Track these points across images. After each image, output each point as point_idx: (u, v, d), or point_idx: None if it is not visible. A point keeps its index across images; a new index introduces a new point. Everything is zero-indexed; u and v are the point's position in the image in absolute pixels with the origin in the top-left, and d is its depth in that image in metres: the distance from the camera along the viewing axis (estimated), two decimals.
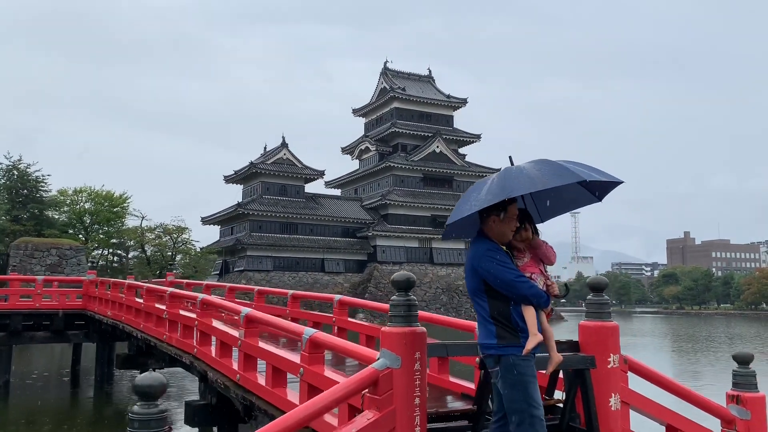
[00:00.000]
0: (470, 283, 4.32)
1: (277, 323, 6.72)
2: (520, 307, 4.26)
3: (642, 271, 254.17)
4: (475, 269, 4.25)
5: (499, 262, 4.20)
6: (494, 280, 4.18)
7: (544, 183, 4.05)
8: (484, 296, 4.26)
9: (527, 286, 4.23)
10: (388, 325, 4.87)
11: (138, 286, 13.65)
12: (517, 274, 4.24)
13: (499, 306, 4.22)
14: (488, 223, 4.35)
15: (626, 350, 5.89)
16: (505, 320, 4.22)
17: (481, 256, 4.22)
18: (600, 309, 5.74)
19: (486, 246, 4.27)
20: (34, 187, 57.11)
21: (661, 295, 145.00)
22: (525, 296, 4.22)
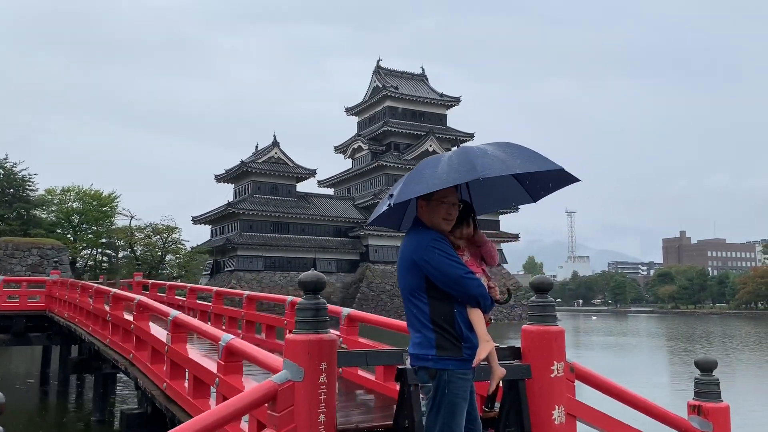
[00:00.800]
0: (407, 280, 3.63)
1: (199, 328, 6.16)
2: (465, 311, 3.61)
3: (638, 271, 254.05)
4: (416, 263, 3.57)
5: (446, 255, 3.55)
6: (439, 276, 3.52)
7: (519, 167, 3.45)
8: (425, 296, 3.58)
9: (476, 285, 3.59)
10: (293, 332, 4.33)
11: (90, 286, 13.09)
12: (465, 270, 3.57)
13: (442, 308, 3.56)
14: (418, 209, 3.75)
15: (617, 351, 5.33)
16: (449, 326, 3.54)
17: (425, 248, 3.55)
18: (543, 312, 5.20)
19: (431, 236, 3.60)
20: (21, 186, 56.42)
21: (657, 294, 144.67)
22: (473, 296, 3.58)
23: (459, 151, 3.61)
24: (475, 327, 3.65)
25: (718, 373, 5.95)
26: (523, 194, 4.26)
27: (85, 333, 12.22)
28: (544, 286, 5.27)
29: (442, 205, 3.71)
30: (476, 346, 3.62)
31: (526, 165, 3.50)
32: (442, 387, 3.55)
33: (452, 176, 3.40)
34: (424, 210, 3.71)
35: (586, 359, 36.68)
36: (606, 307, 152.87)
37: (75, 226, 63.98)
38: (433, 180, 3.43)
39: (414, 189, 3.48)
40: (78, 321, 13.48)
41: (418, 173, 3.60)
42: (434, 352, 3.55)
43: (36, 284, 20.33)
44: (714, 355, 35.77)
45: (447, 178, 3.40)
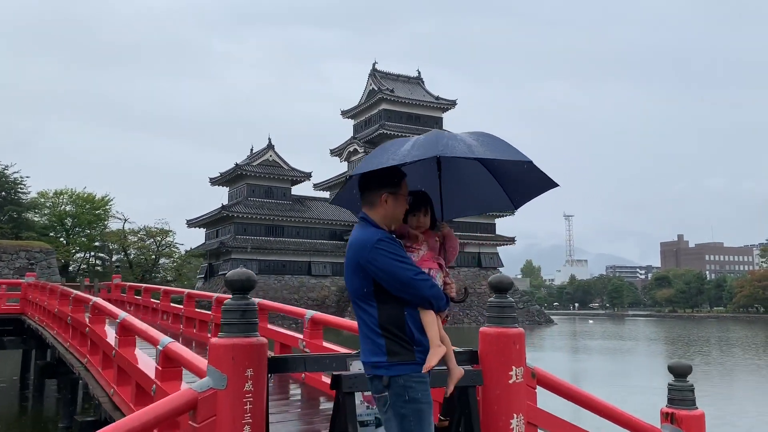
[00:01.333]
0: (354, 284, 3.32)
1: (142, 331, 5.79)
2: (417, 313, 3.30)
3: (636, 274, 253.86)
4: (362, 266, 3.25)
5: (394, 256, 3.23)
6: (388, 279, 3.21)
7: (483, 152, 3.21)
8: (373, 301, 3.27)
9: (428, 285, 3.28)
10: (218, 336, 3.96)
11: (57, 288, 12.70)
12: (416, 271, 3.27)
13: (392, 312, 3.26)
14: (375, 202, 3.37)
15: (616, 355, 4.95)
16: (399, 330, 3.24)
17: (370, 249, 3.23)
18: (502, 313, 4.84)
19: (377, 235, 3.27)
20: (13, 189, 56.01)
21: (654, 298, 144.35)
22: (425, 298, 3.27)
23: (430, 132, 3.39)
24: (427, 330, 3.32)
25: (716, 378, 5.60)
26: (504, 200, 4.01)
27: (50, 336, 11.88)
28: (503, 285, 4.91)
29: (405, 200, 3.44)
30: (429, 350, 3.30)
31: (491, 152, 3.27)
32: (400, 394, 3.23)
33: (413, 153, 3.20)
34: (388, 202, 3.38)
35: (582, 363, 36.33)
36: (604, 311, 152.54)
37: (68, 229, 63.58)
38: (397, 156, 3.21)
39: (379, 161, 3.25)
40: (46, 324, 13.12)
41: (383, 148, 3.37)
42: (386, 359, 3.24)
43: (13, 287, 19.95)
44: (710, 359, 35.42)
45: (407, 154, 3.20)
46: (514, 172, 3.79)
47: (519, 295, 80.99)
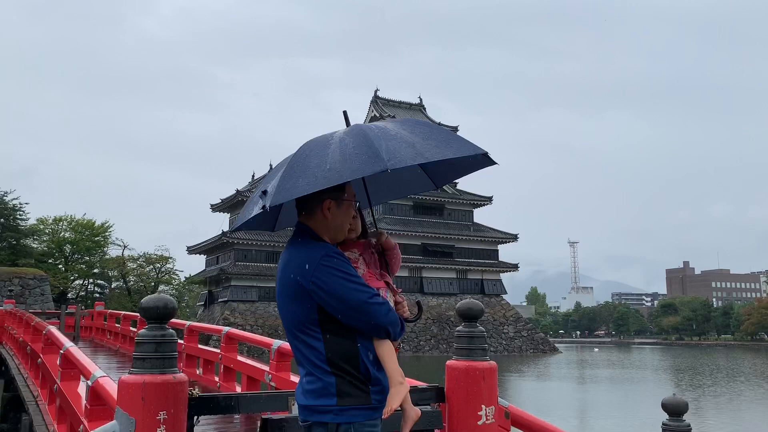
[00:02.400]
0: (293, 311, 2.70)
1: (81, 364, 5.24)
2: (371, 344, 2.71)
3: (642, 302, 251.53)
4: (304, 288, 2.63)
5: (344, 276, 2.64)
6: (336, 304, 2.63)
7: (434, 153, 2.60)
8: (317, 330, 2.67)
9: (385, 311, 2.69)
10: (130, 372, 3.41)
11: (24, 315, 12.16)
12: (370, 294, 2.68)
13: (342, 344, 2.66)
14: (316, 211, 2.77)
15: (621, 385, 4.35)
16: (351, 367, 2.65)
17: (316, 267, 2.63)
18: (471, 344, 4.27)
19: (323, 250, 2.67)
20: (11, 215, 55.71)
21: (661, 325, 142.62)
22: (381, 325, 2.68)
23: (353, 132, 2.70)
24: (385, 364, 2.73)
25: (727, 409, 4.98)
26: (425, 180, 3.38)
27: (14, 367, 11.29)
28: (473, 312, 4.35)
29: (351, 206, 2.84)
30: (387, 389, 2.72)
31: (443, 150, 2.65)
32: None
33: (349, 167, 2.51)
34: (329, 212, 2.77)
35: (586, 394, 35.38)
36: (609, 339, 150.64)
37: (67, 256, 63.13)
38: (324, 173, 2.50)
39: (298, 185, 2.52)
40: (14, 354, 12.54)
41: (300, 163, 2.62)
42: (335, 402, 2.62)
43: None
44: (720, 390, 34.38)
45: (342, 169, 2.50)
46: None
47: (523, 323, 79.89)
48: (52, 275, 53.54)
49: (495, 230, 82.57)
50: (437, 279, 76.63)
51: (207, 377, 9.00)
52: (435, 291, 75.87)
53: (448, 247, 78.28)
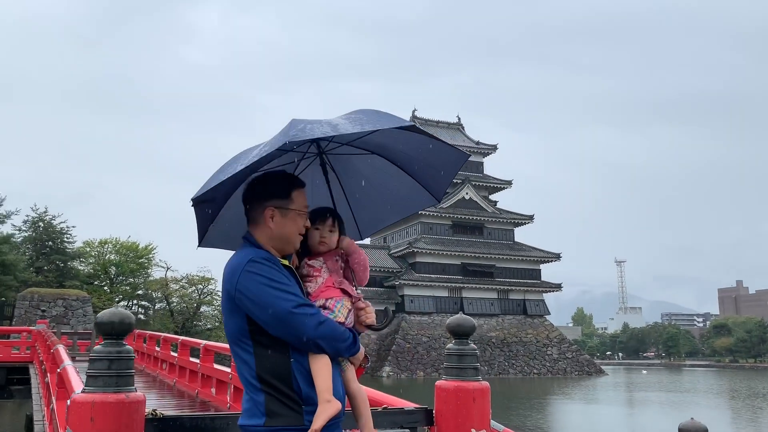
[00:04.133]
0: (228, 323, 2.55)
1: (69, 384, 5.11)
2: (306, 360, 2.50)
3: (693, 322, 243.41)
4: (232, 297, 2.47)
5: (268, 282, 2.44)
6: (259, 313, 2.43)
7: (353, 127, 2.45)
8: (249, 343, 2.48)
9: (314, 323, 2.46)
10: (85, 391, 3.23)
11: (50, 337, 12.27)
12: (297, 302, 2.45)
13: (273, 359, 2.47)
14: (261, 219, 2.63)
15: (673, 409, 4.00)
16: (282, 384, 2.45)
17: (240, 273, 2.46)
18: (461, 362, 3.98)
19: (250, 255, 2.51)
20: (59, 238, 57.42)
21: (713, 347, 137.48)
22: (310, 340, 2.45)
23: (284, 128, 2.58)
24: (316, 380, 2.49)
25: None
26: (423, 193, 3.22)
27: (35, 386, 11.37)
28: (464, 329, 4.06)
29: (300, 214, 2.64)
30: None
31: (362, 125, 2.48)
32: None
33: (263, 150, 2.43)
34: (273, 221, 2.61)
35: (638, 418, 34.04)
36: (659, 361, 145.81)
37: (112, 277, 64.60)
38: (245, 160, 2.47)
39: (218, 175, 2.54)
40: (38, 372, 12.66)
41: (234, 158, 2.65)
42: (263, 421, 2.43)
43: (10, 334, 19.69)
44: None
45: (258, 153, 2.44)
46: (419, 157, 2.99)
47: (567, 345, 77.98)
48: (97, 297, 54.81)
49: (537, 249, 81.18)
50: (478, 299, 75.58)
51: (219, 397, 8.84)
52: (476, 311, 74.78)
53: (489, 266, 77.25)
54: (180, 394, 11.06)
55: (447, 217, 76.84)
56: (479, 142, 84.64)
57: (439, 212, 75.63)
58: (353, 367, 2.82)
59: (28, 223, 57.23)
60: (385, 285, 73.15)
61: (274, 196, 2.60)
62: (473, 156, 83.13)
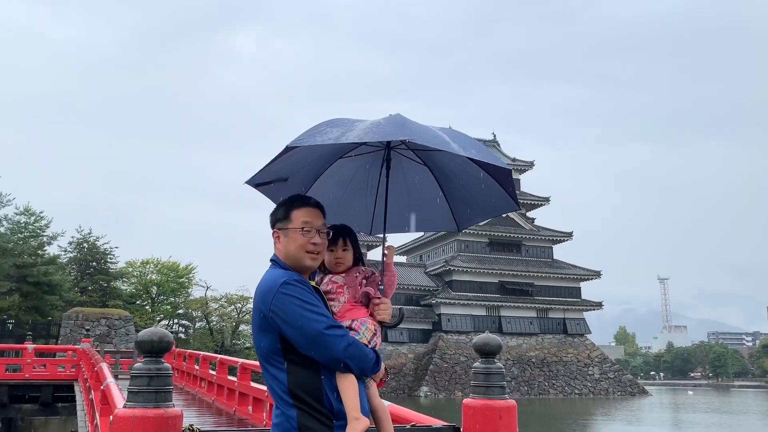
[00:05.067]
0: (259, 340, 2.69)
1: (112, 401, 5.31)
2: (335, 378, 2.65)
3: (742, 341, 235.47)
4: (266, 317, 2.61)
5: (302, 304, 2.59)
6: (293, 333, 2.58)
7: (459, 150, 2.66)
8: (281, 360, 2.63)
9: (343, 344, 2.60)
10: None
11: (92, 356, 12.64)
12: (327, 324, 2.60)
13: (305, 376, 2.61)
14: (275, 244, 2.85)
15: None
16: (313, 399, 2.59)
17: (275, 295, 2.61)
18: (488, 381, 4.04)
19: (283, 277, 2.65)
20: (102, 259, 58.91)
21: (763, 367, 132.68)
22: (337, 360, 2.60)
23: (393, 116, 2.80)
24: (344, 398, 2.63)
25: None
26: (449, 219, 3.42)
27: (79, 403, 11.73)
28: (490, 348, 4.12)
29: (303, 233, 2.78)
30: None
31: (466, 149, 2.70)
32: None
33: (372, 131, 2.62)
34: (280, 242, 2.80)
35: None
36: (706, 381, 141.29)
37: (153, 297, 65.87)
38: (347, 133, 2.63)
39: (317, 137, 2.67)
40: (83, 390, 13.03)
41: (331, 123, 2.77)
42: None
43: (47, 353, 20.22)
44: None
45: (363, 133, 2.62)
46: (467, 189, 3.19)
47: (609, 364, 76.28)
48: (139, 316, 55.94)
49: (576, 267, 79.95)
50: (516, 318, 74.66)
51: (256, 415, 8.99)
52: (514, 331, 73.86)
53: (527, 284, 76.34)
54: (218, 412, 11.28)
55: (484, 234, 76.36)
56: (515, 159, 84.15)
57: (475, 230, 75.22)
58: (374, 383, 2.95)
59: (73, 244, 58.96)
60: (421, 304, 72.91)
61: (278, 220, 2.83)
62: None
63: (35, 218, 53.40)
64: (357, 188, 3.36)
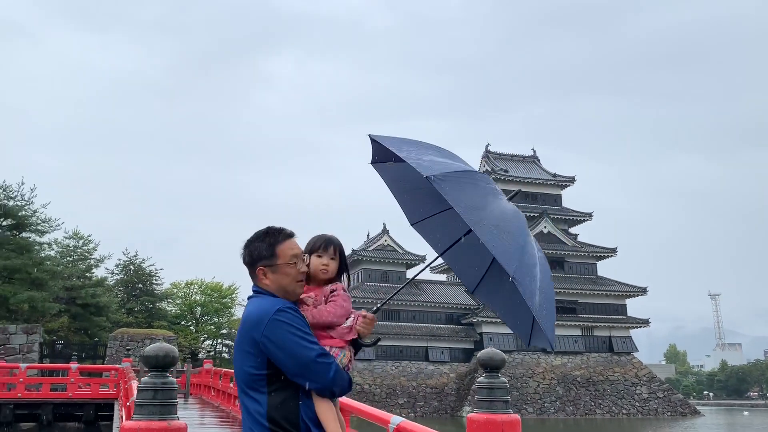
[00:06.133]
0: (244, 366, 2.73)
1: None
2: (312, 403, 2.73)
3: None
4: (257, 344, 2.67)
5: (297, 332, 2.66)
6: (285, 360, 2.64)
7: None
8: (264, 387, 2.69)
9: (332, 373, 2.69)
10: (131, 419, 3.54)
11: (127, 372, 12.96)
12: (318, 352, 2.69)
13: (284, 402, 2.67)
14: (257, 279, 2.88)
15: None
16: (290, 425, 2.65)
17: (269, 322, 2.67)
18: (491, 395, 4.07)
19: (277, 305, 2.72)
20: (148, 280, 60.31)
21: None
22: (326, 386, 2.69)
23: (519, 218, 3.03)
24: (324, 424, 2.72)
25: None
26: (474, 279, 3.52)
27: (116, 419, 12.04)
28: (494, 362, 4.16)
29: (290, 266, 2.84)
30: None
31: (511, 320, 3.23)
32: None
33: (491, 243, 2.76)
34: (267, 278, 2.83)
35: None
36: (764, 401, 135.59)
37: (197, 317, 67.03)
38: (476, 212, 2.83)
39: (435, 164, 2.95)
40: (123, 406, 13.40)
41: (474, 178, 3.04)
42: None
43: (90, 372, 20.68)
44: None
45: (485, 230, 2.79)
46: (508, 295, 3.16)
47: (658, 383, 74.03)
48: (183, 336, 56.95)
49: (621, 283, 78.15)
50: (560, 336, 73.13)
51: None
52: (558, 349, 72.42)
53: (571, 302, 74.90)
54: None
55: None
56: (556, 175, 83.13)
57: None
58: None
59: (119, 266, 60.62)
60: (462, 322, 72.27)
61: (261, 258, 2.82)
62: (550, 188, 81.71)
63: (83, 241, 55.15)
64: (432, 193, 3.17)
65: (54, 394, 19.11)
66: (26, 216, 43.66)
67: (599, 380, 71.25)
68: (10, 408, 19.45)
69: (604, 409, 68.78)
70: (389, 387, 66.20)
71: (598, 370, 72.39)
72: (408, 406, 65.52)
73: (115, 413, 14.08)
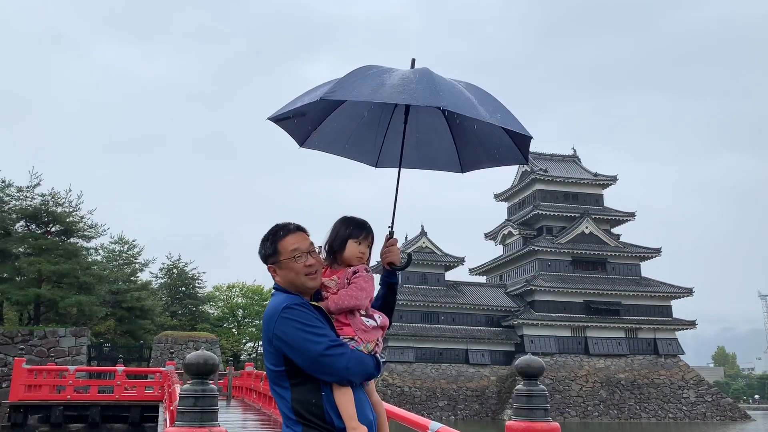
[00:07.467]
0: (267, 361, 2.80)
1: None
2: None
3: None
4: (271, 340, 2.73)
5: (302, 327, 2.69)
6: (295, 355, 2.69)
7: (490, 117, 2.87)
8: (286, 380, 2.74)
9: (344, 363, 2.70)
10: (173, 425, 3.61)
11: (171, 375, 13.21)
12: (327, 344, 2.69)
13: (306, 394, 2.73)
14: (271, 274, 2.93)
15: None
16: (315, 417, 2.70)
17: (277, 320, 2.71)
18: (530, 403, 4.03)
19: (284, 302, 2.76)
20: (191, 284, 61.44)
21: None
22: (340, 377, 2.72)
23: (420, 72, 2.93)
24: (341, 409, 2.74)
25: None
26: (453, 161, 3.51)
27: (162, 423, 12.27)
28: (533, 370, 4.11)
29: (296, 260, 2.87)
30: None
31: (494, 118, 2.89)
32: None
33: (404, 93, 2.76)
34: (277, 275, 2.88)
35: None
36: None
37: (239, 320, 68.03)
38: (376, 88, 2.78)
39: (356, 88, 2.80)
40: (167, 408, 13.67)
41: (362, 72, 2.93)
42: None
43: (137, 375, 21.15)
44: None
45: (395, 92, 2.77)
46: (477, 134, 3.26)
47: (706, 387, 72.06)
48: (225, 338, 57.85)
49: (666, 284, 76.37)
50: (603, 339, 71.90)
51: None
52: (601, 352, 71.16)
53: (614, 304, 73.53)
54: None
55: (566, 252, 74.33)
56: (597, 174, 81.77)
57: (557, 248, 73.43)
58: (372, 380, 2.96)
59: (163, 270, 61.93)
60: (503, 325, 71.60)
61: (268, 257, 2.89)
62: (591, 188, 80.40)
63: (128, 246, 56.51)
64: (369, 123, 3.40)
65: (102, 396, 19.65)
66: (74, 222, 44.99)
67: (644, 383, 69.74)
68: (60, 409, 20.12)
69: (649, 413, 67.30)
70: (429, 389, 66.01)
71: (643, 372, 70.86)
72: (449, 408, 65.22)
73: (159, 415, 14.38)
